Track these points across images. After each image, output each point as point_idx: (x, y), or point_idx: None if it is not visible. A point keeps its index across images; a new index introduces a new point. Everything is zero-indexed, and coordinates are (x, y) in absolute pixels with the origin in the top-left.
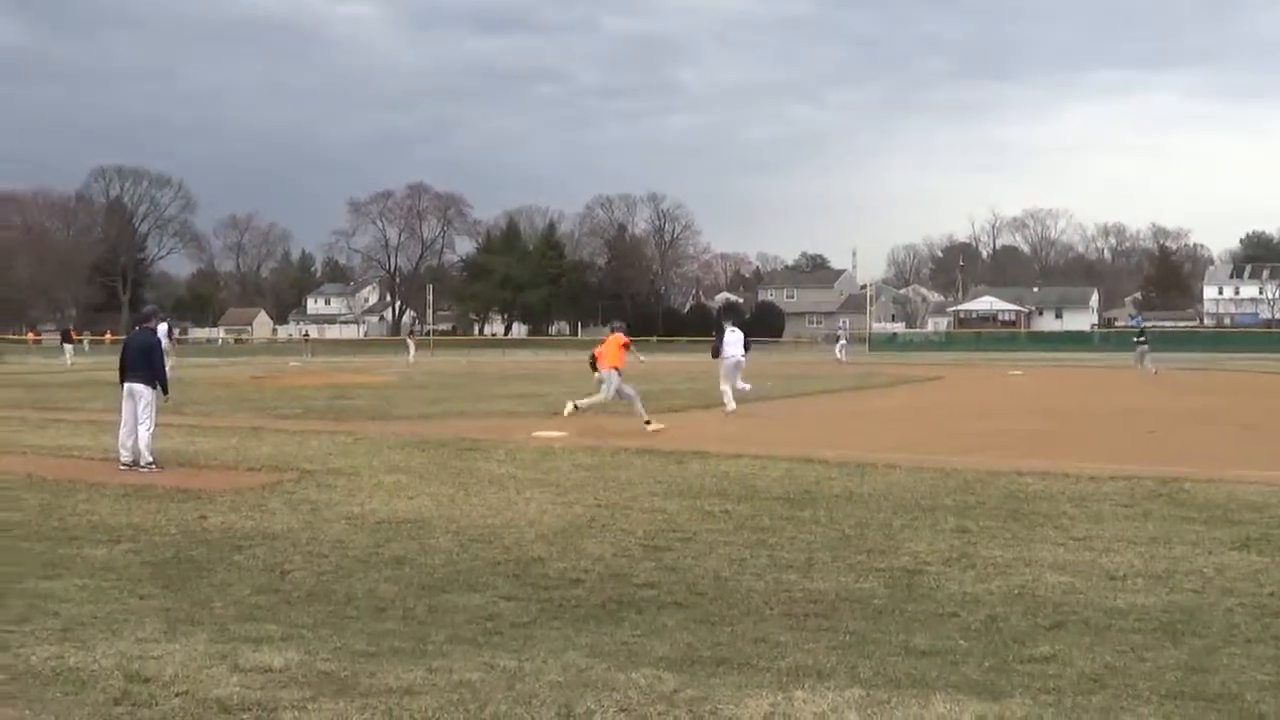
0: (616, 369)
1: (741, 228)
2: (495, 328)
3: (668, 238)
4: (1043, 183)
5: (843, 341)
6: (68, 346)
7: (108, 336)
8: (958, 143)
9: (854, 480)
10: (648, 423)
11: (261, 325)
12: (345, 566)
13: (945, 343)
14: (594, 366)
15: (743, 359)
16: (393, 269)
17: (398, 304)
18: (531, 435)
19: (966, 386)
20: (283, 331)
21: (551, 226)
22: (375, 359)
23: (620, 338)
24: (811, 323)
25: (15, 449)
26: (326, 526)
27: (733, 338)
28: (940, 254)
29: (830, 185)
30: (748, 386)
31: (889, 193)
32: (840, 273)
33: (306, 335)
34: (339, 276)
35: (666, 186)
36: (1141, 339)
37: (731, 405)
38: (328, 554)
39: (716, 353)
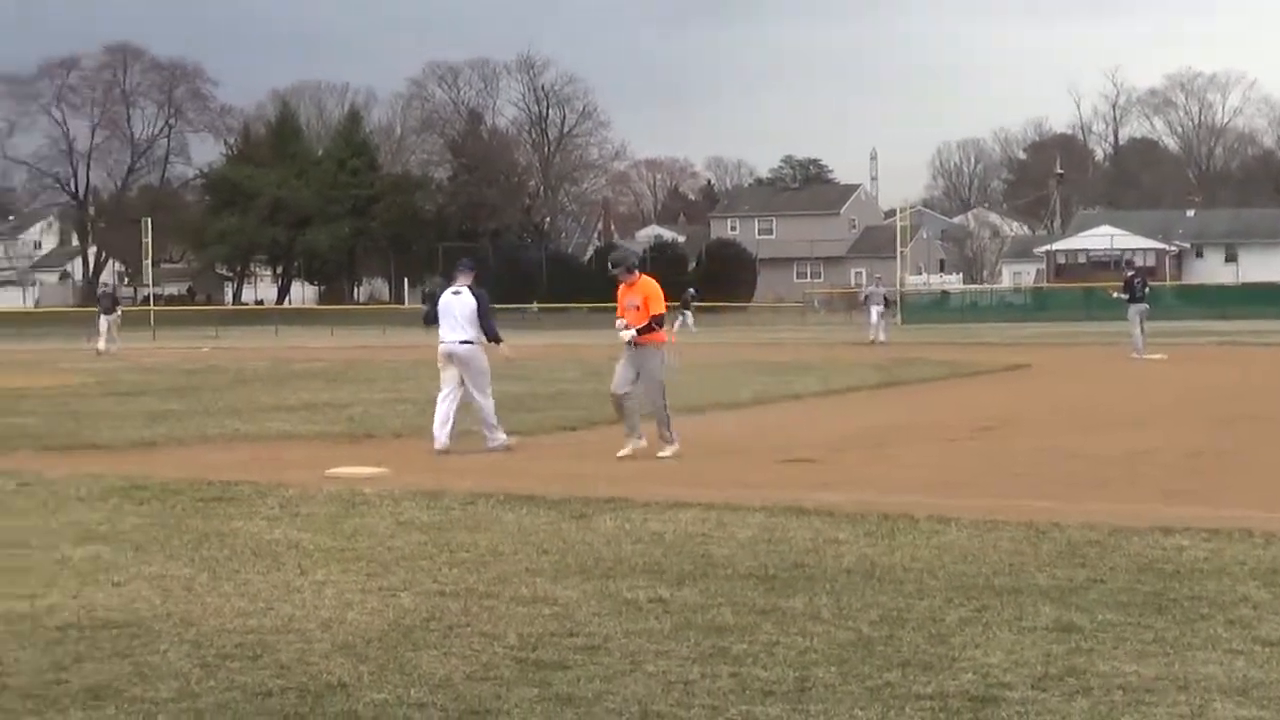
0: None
1: (682, 116)
2: (263, 290)
3: (554, 133)
4: (1203, 27)
5: (879, 307)
6: None
7: None
8: None
9: (877, 544)
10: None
11: None
12: (2, 708)
13: (1033, 306)
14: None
15: (457, 349)
16: (82, 191)
17: (92, 250)
18: (325, 474)
19: (1071, 380)
20: None
21: (355, 116)
22: (56, 345)
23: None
24: (804, 273)
25: None
26: None
27: (451, 305)
28: (1023, 155)
29: (831, 36)
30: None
31: (933, 50)
32: (852, 190)
33: None
34: None
35: (550, 43)
36: (1132, 293)
37: (496, 440)
38: None
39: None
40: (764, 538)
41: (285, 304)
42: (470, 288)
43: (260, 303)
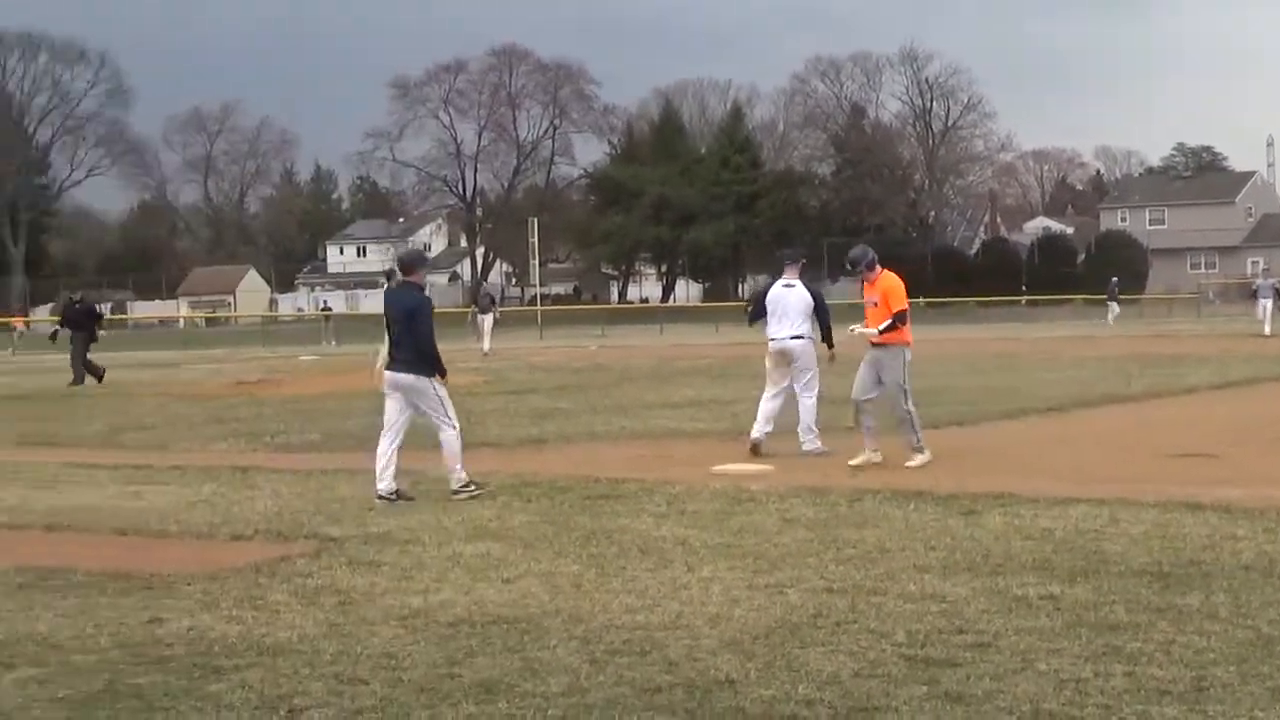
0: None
1: (1070, 105)
2: (647, 288)
3: (938, 126)
4: None
5: (1268, 300)
6: None
7: (22, 320)
8: None
9: (1277, 540)
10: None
11: (251, 294)
12: (398, 700)
13: None
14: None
15: (792, 344)
16: (470, 193)
17: (479, 251)
18: (711, 471)
19: None
20: (287, 304)
21: (737, 113)
22: (445, 346)
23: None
24: (1197, 264)
25: None
26: (366, 632)
27: (784, 299)
28: None
29: (1223, 20)
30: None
31: None
32: (1247, 177)
33: (327, 310)
34: (380, 208)
35: (931, 36)
36: None
37: (814, 444)
38: (367, 679)
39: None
40: (1158, 534)
41: (669, 302)
42: (802, 280)
43: (645, 301)
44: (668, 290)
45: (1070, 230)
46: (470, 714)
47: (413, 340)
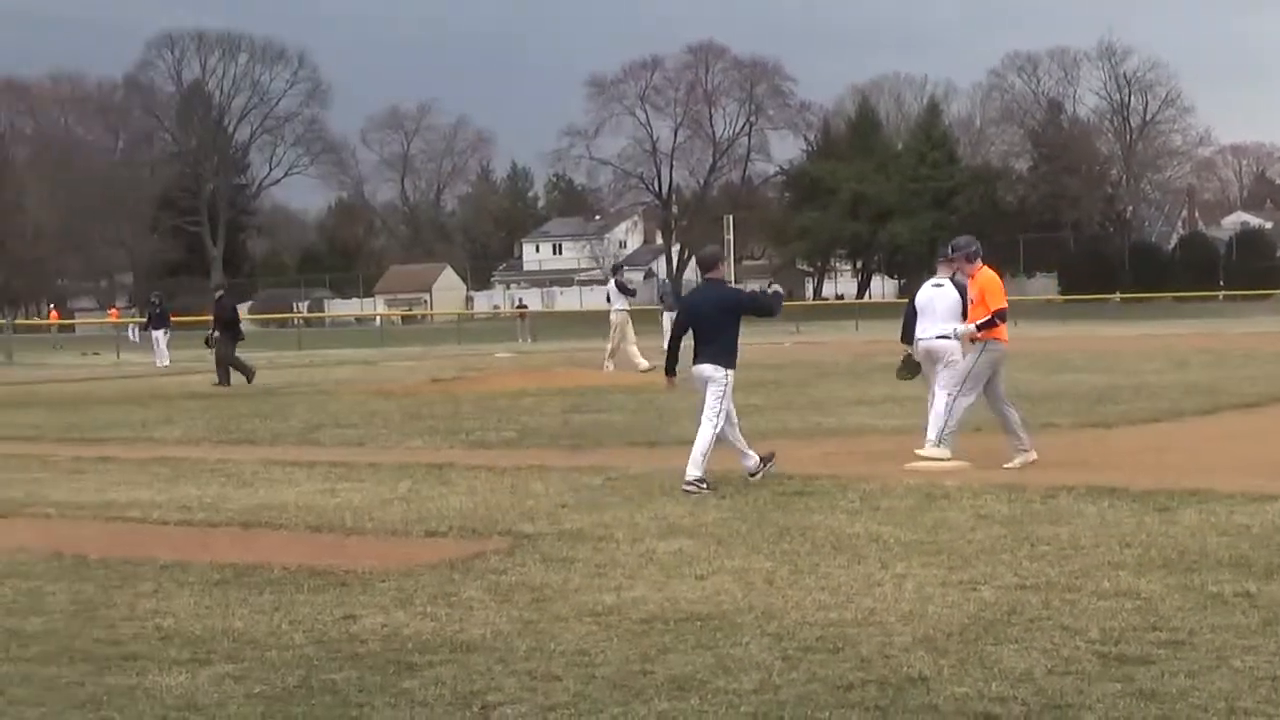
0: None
1: (1270, 99)
2: (843, 285)
3: (1136, 121)
4: None
5: None
6: (160, 334)
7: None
8: None
9: None
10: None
11: (447, 292)
12: (591, 696)
13: None
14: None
15: (936, 344)
16: (665, 190)
17: (675, 249)
18: (904, 468)
19: None
20: (482, 301)
21: (934, 108)
22: (646, 344)
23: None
24: None
25: (33, 509)
26: (559, 629)
27: (933, 299)
28: None
29: None
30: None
31: None
32: None
33: (523, 307)
34: (576, 206)
35: (1130, 30)
36: None
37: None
38: (561, 675)
39: (908, 333)
40: None
41: (865, 298)
42: (953, 279)
43: (840, 297)
44: (863, 286)
45: (1269, 225)
46: (662, 710)
47: (721, 334)
